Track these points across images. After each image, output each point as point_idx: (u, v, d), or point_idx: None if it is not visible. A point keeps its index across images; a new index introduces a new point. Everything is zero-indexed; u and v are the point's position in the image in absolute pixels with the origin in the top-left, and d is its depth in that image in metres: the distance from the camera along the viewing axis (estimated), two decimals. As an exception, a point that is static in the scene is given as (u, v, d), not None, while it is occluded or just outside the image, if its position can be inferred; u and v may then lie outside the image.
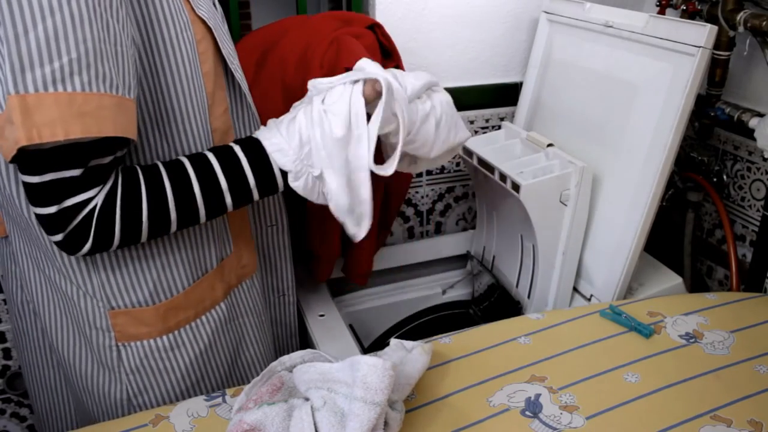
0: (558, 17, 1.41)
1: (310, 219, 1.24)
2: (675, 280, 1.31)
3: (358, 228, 0.87)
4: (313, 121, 0.82)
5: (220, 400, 0.90)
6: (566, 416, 0.86)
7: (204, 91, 0.86)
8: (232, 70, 0.90)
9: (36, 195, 0.73)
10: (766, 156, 1.27)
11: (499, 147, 1.35)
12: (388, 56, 1.23)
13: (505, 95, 1.59)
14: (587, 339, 1.02)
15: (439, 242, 1.60)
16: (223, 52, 0.88)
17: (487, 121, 1.61)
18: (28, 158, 0.70)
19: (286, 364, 0.88)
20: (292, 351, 1.21)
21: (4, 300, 1.39)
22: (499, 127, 1.45)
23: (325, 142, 0.82)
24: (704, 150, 1.50)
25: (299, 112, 0.85)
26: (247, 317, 1.03)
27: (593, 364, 0.97)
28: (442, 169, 1.61)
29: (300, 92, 0.98)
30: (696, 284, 1.60)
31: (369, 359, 0.78)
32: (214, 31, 0.86)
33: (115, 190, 0.76)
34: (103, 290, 0.87)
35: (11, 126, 0.68)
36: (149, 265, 0.88)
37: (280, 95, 1.17)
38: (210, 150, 0.84)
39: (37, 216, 0.75)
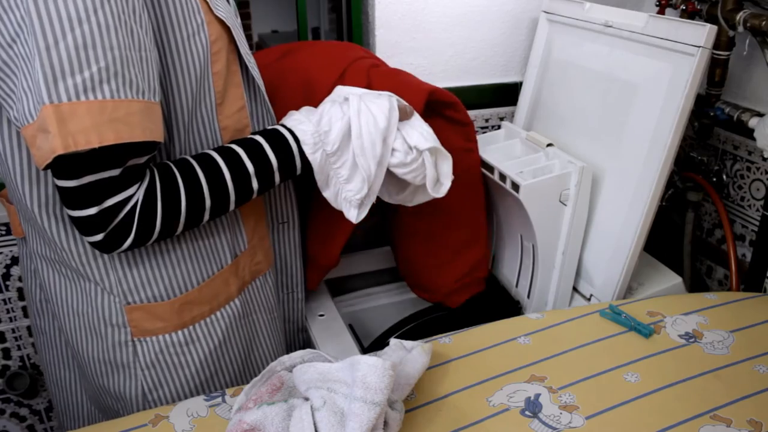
0: (558, 17, 1.41)
1: (315, 221, 1.24)
2: (675, 279, 1.31)
3: (357, 211, 0.94)
4: (359, 111, 0.90)
5: (219, 399, 0.90)
6: (566, 416, 0.86)
7: (212, 91, 0.87)
8: (249, 67, 0.92)
9: (74, 198, 0.74)
10: (765, 156, 1.27)
11: (498, 147, 1.35)
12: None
13: (505, 95, 1.59)
14: (587, 339, 1.02)
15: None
16: (241, 50, 0.91)
17: (486, 120, 1.61)
18: (63, 164, 0.72)
19: (285, 364, 0.88)
20: (300, 346, 1.22)
21: (5, 300, 1.39)
22: (499, 127, 1.45)
23: (369, 130, 0.89)
24: (704, 150, 1.50)
25: (324, 103, 0.93)
26: (259, 313, 1.04)
27: (593, 363, 0.97)
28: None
29: None
30: (696, 284, 1.60)
31: (369, 359, 0.78)
32: (232, 30, 0.88)
33: (154, 185, 0.79)
34: (120, 286, 0.89)
35: (45, 135, 0.69)
36: (165, 260, 0.89)
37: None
38: (233, 141, 0.88)
39: (75, 219, 0.76)
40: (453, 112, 1.18)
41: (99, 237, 0.76)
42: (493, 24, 1.53)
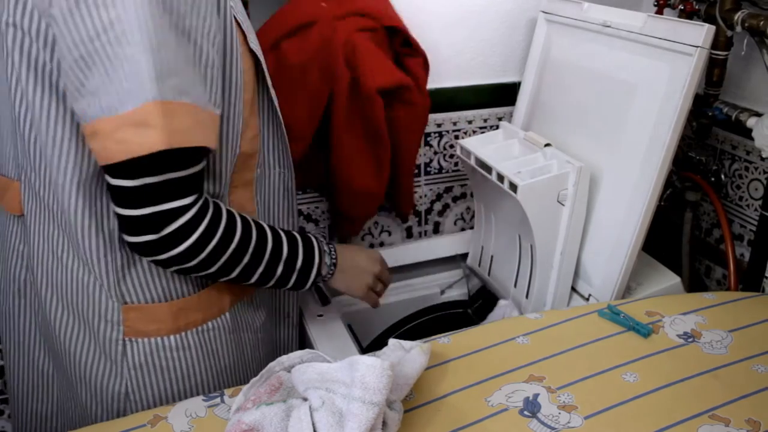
0: (556, 17, 1.41)
1: (347, 187, 1.34)
2: (673, 279, 1.31)
3: None
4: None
5: (218, 400, 0.90)
6: (565, 416, 0.86)
7: (241, 117, 0.90)
8: (272, 96, 0.97)
9: (131, 197, 0.78)
10: (764, 155, 1.27)
11: (496, 147, 1.35)
12: (408, 45, 1.36)
13: (503, 95, 1.59)
14: (585, 339, 1.02)
15: (437, 242, 1.60)
16: (268, 82, 0.95)
17: (485, 120, 1.61)
18: (134, 163, 0.75)
19: (284, 364, 0.88)
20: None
21: None
22: (497, 127, 1.45)
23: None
24: (702, 150, 1.50)
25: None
26: (246, 332, 1.04)
27: (592, 363, 0.97)
28: (441, 168, 1.61)
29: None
30: (694, 284, 1.60)
31: (367, 359, 0.78)
32: (262, 62, 0.92)
33: (220, 213, 0.85)
34: (118, 286, 0.89)
35: (139, 129, 0.72)
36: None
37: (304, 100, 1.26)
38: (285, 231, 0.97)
39: (126, 218, 0.79)
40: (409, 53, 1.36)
41: (151, 237, 0.79)
42: (492, 24, 1.53)
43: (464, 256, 1.55)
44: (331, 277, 1.05)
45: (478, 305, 1.48)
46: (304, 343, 1.24)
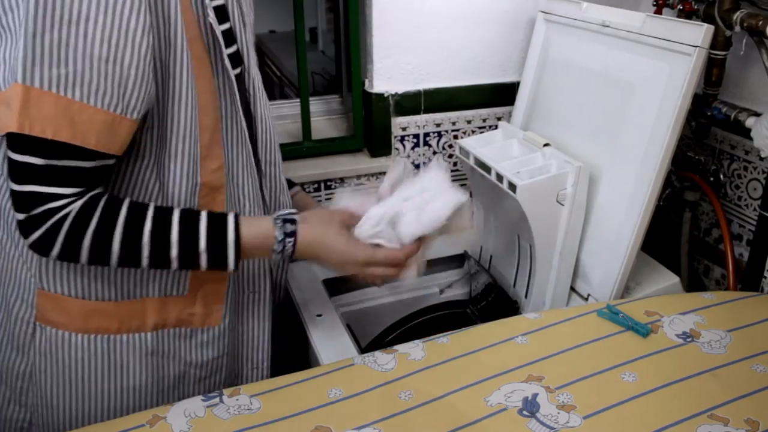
0: (555, 17, 1.41)
1: None
2: (672, 279, 1.31)
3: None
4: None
5: (217, 400, 0.90)
6: (563, 416, 0.86)
7: (190, 138, 0.88)
8: (243, 127, 0.95)
9: (15, 172, 0.78)
10: (762, 155, 1.27)
11: (495, 147, 1.35)
12: None
13: (502, 95, 1.59)
14: (584, 338, 1.02)
15: (436, 242, 1.60)
16: (239, 110, 0.94)
17: (484, 120, 1.61)
18: (14, 139, 0.76)
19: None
20: None
21: None
22: (496, 127, 1.45)
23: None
24: (701, 149, 1.51)
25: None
26: (170, 361, 0.98)
27: (590, 363, 0.97)
28: (440, 168, 1.61)
29: None
30: (693, 283, 1.60)
31: (450, 197, 0.96)
32: (234, 86, 0.91)
33: (94, 211, 0.81)
34: (38, 268, 0.89)
35: (5, 108, 0.74)
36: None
37: None
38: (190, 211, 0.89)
39: (12, 192, 0.80)
40: None
41: (21, 216, 0.80)
42: (491, 24, 1.53)
43: (464, 255, 1.55)
44: (292, 256, 0.93)
45: (484, 304, 1.48)
46: (303, 343, 1.24)
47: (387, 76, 1.51)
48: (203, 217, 0.87)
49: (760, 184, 1.39)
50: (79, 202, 0.80)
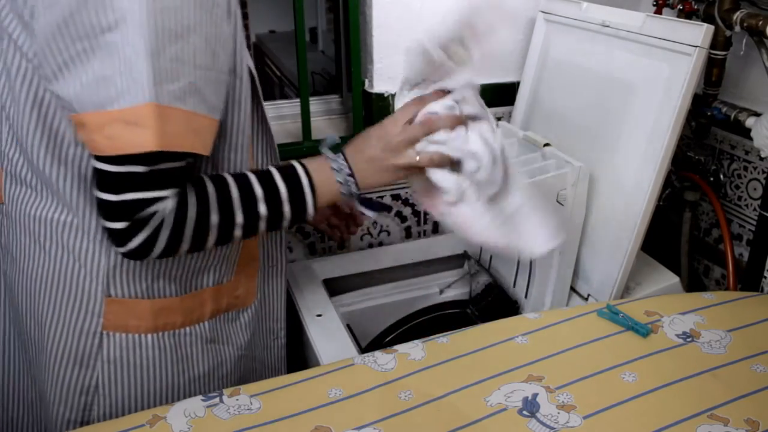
0: (555, 17, 1.41)
1: None
2: (672, 279, 1.31)
3: None
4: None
5: (217, 400, 0.90)
6: (563, 416, 0.87)
7: (246, 129, 0.91)
8: (265, 114, 0.97)
9: (110, 183, 0.78)
10: (762, 155, 1.28)
11: (496, 147, 1.34)
12: None
13: (502, 95, 1.59)
14: (584, 338, 1.02)
15: (436, 242, 1.60)
16: (260, 97, 0.95)
17: (484, 120, 1.61)
18: (123, 157, 0.76)
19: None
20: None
21: None
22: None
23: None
24: (701, 149, 1.51)
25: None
26: (227, 346, 1.03)
27: (590, 363, 0.97)
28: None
29: None
30: (693, 283, 1.60)
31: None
32: (255, 80, 0.93)
33: (186, 198, 0.82)
34: (106, 277, 0.90)
35: (132, 127, 0.74)
36: (156, 262, 0.90)
37: None
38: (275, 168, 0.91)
39: (102, 203, 0.79)
40: None
41: (122, 225, 0.79)
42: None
43: (464, 255, 1.55)
44: (357, 187, 0.93)
45: (484, 304, 1.48)
46: (302, 343, 1.24)
47: (387, 76, 1.51)
48: (273, 171, 0.90)
49: (760, 184, 1.39)
50: (176, 198, 0.82)
